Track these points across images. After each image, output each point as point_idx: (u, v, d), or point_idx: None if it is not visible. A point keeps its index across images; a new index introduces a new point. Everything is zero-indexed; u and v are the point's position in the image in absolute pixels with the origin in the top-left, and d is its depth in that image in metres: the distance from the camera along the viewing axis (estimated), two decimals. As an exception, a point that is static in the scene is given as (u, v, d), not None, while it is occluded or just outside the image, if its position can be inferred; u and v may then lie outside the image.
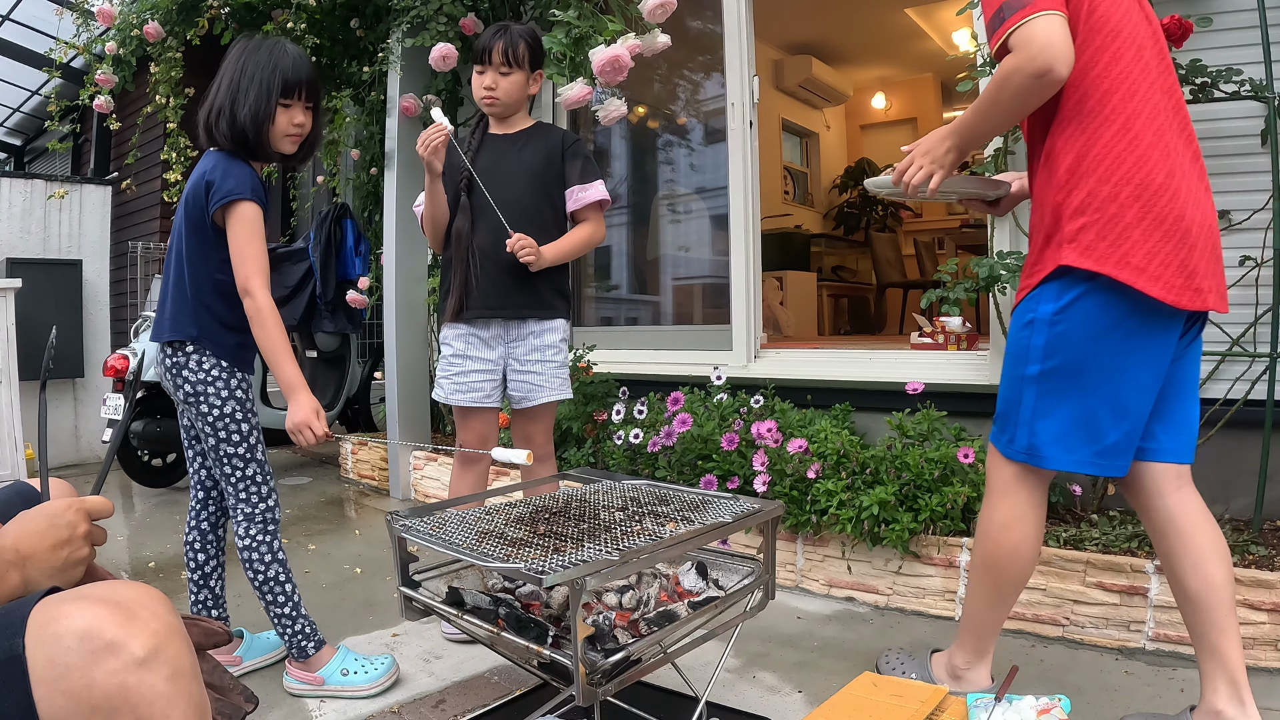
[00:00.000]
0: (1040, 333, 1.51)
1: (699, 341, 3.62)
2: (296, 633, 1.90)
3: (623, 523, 1.36)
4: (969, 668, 1.71)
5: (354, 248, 4.34)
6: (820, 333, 5.70)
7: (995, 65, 1.52)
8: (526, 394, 2.23)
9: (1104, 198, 1.42)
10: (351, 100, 4.35)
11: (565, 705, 1.56)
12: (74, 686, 0.72)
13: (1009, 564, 1.62)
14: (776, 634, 2.22)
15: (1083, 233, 1.43)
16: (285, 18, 3.77)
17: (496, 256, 2.14)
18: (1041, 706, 1.41)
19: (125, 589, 0.79)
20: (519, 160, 2.21)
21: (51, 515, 0.89)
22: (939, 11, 5.52)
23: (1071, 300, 1.46)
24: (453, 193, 2.22)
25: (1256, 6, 2.18)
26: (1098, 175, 1.43)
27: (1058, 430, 1.52)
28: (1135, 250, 1.40)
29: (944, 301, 2.61)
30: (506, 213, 2.11)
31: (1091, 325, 1.46)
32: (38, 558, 0.87)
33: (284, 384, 1.79)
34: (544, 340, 2.22)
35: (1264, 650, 1.89)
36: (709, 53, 3.90)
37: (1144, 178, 1.41)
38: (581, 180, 2.24)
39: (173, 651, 0.76)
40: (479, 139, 2.25)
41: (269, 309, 1.77)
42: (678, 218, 4.35)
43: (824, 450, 2.50)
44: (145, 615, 0.76)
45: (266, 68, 1.80)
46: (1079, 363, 1.48)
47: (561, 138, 2.28)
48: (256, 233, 1.78)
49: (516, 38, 2.16)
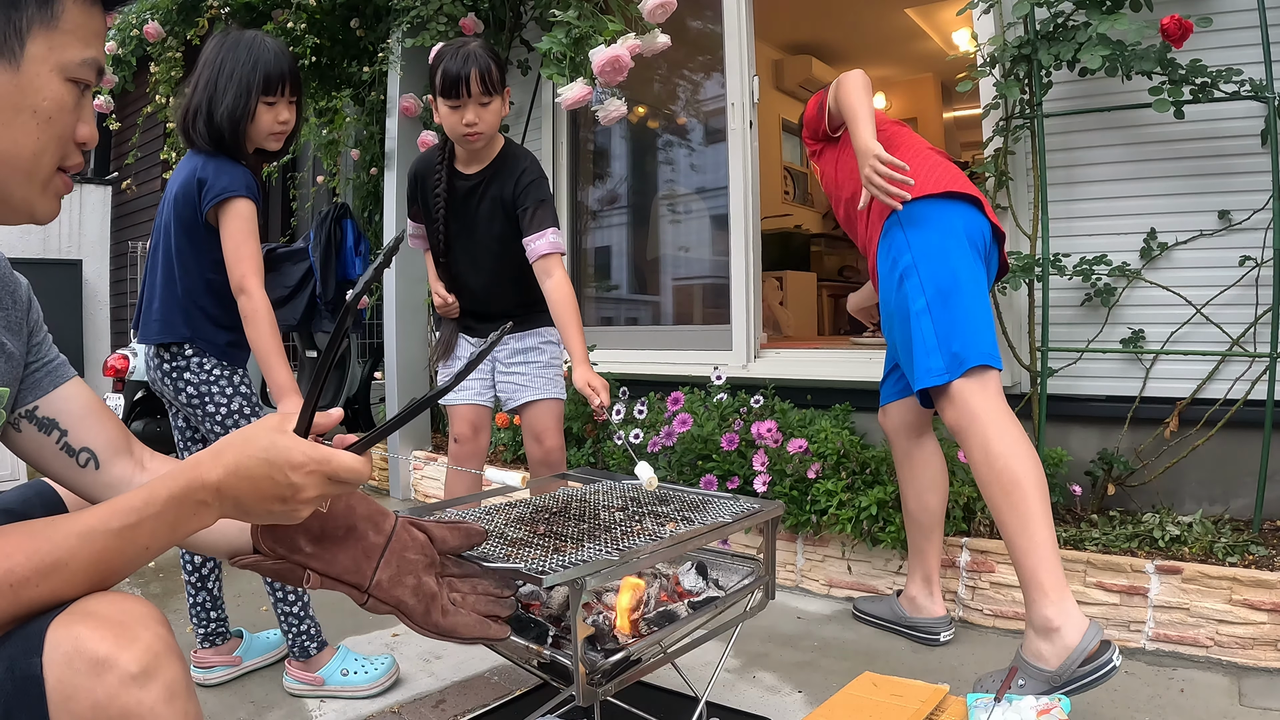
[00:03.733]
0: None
1: (699, 341, 3.62)
2: (301, 632, 1.90)
3: (623, 523, 1.36)
4: (1060, 615, 1.58)
5: (354, 248, 4.33)
6: (820, 333, 5.70)
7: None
8: (511, 394, 2.26)
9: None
10: (351, 100, 4.35)
11: (565, 705, 1.56)
12: (78, 708, 0.69)
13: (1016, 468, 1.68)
14: (776, 634, 2.22)
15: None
16: (285, 17, 3.77)
17: (481, 310, 2.29)
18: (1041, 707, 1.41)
19: (123, 604, 0.74)
20: (482, 214, 2.15)
21: (274, 466, 0.76)
22: (939, 11, 5.52)
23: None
24: (434, 239, 2.26)
25: (1256, 6, 2.17)
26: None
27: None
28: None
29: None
30: (487, 276, 2.23)
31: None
32: (244, 505, 0.78)
33: (275, 387, 1.76)
34: (525, 343, 2.25)
35: (1264, 650, 1.88)
36: (709, 53, 3.90)
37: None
38: (532, 231, 2.06)
39: (170, 671, 0.72)
40: (446, 186, 2.14)
41: (265, 309, 1.74)
42: (678, 218, 4.35)
43: (824, 450, 2.50)
44: (141, 632, 0.72)
45: (246, 64, 1.75)
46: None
47: (520, 180, 2.10)
48: (252, 231, 1.75)
49: (488, 62, 1.98)
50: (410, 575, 0.94)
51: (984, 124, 2.65)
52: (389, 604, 0.94)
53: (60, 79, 0.73)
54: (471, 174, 2.14)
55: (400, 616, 0.95)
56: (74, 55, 0.74)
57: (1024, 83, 2.44)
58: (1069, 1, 2.31)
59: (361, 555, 0.92)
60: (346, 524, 0.93)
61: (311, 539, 0.91)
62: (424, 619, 0.94)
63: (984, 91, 2.65)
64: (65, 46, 0.73)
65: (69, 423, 0.94)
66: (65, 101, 0.74)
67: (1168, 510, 2.29)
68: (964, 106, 6.84)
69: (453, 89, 1.96)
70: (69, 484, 0.96)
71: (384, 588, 0.93)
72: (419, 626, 0.96)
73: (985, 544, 2.26)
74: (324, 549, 0.91)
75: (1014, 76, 2.45)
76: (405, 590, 0.93)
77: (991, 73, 2.50)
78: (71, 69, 0.74)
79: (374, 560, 0.93)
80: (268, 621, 2.19)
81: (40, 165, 0.75)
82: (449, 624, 0.96)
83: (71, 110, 0.76)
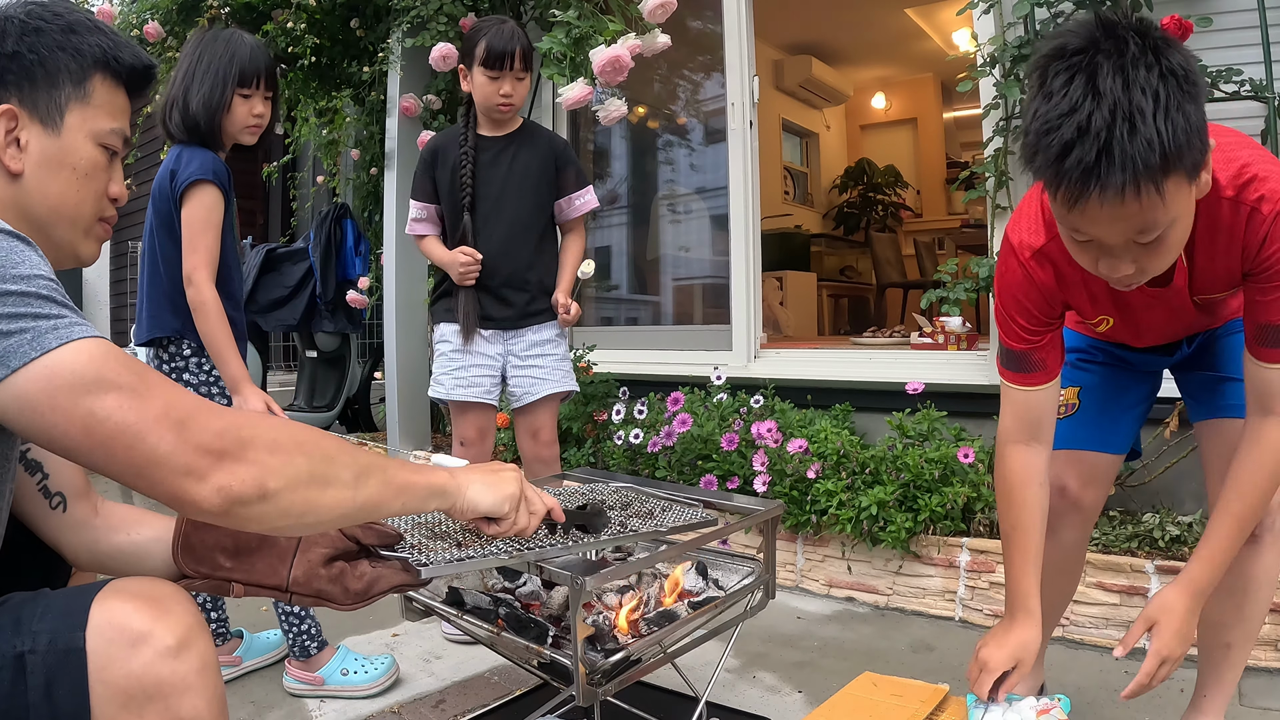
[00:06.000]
0: None
1: (699, 341, 3.62)
2: (302, 632, 1.90)
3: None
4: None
5: (354, 248, 4.34)
6: (820, 333, 5.70)
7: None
8: (528, 389, 2.23)
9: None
10: (351, 100, 4.35)
11: (565, 705, 1.56)
12: (113, 677, 0.75)
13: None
14: (776, 634, 2.22)
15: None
16: (285, 17, 3.76)
17: (501, 273, 2.21)
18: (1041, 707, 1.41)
19: (157, 585, 0.82)
20: (514, 170, 2.23)
21: (504, 480, 0.99)
22: (939, 11, 5.52)
23: None
24: (453, 206, 2.22)
25: (1256, 6, 2.17)
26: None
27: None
28: None
29: (944, 301, 2.62)
30: (508, 229, 2.20)
31: None
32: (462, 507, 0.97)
33: (228, 379, 1.77)
34: (542, 335, 2.26)
35: (1264, 650, 1.89)
36: (709, 53, 3.90)
37: None
38: (576, 188, 2.29)
39: (202, 644, 0.80)
40: (473, 145, 2.22)
41: (212, 301, 1.73)
42: (678, 218, 4.35)
43: (824, 450, 2.50)
44: (176, 609, 0.80)
45: (223, 57, 1.78)
46: None
47: (552, 142, 2.31)
48: (210, 221, 1.75)
49: (528, 42, 2.16)
50: (322, 567, 1.02)
51: (984, 124, 2.65)
52: (310, 596, 1.01)
53: (93, 144, 0.92)
54: (499, 136, 2.25)
55: (324, 604, 1.02)
56: (104, 125, 0.92)
57: (1024, 83, 2.43)
58: (1069, 2, 2.30)
59: (276, 559, 1.01)
60: (258, 535, 1.01)
61: (228, 554, 1.00)
62: (343, 595, 1.01)
63: (984, 91, 2.65)
64: (96, 118, 0.92)
65: (50, 466, 1.01)
66: (99, 162, 0.93)
67: (1168, 510, 2.29)
68: (964, 106, 6.85)
69: (498, 61, 2.12)
70: (34, 523, 1.01)
71: (301, 583, 1.00)
72: (342, 605, 1.02)
73: (985, 544, 2.26)
74: (241, 561, 1.00)
75: (1014, 76, 2.45)
76: (321, 580, 1.01)
77: (991, 73, 2.51)
78: (102, 136, 0.92)
79: (288, 561, 1.01)
80: (268, 622, 2.19)
81: (82, 214, 0.93)
82: (364, 585, 1.01)
83: (104, 170, 0.94)
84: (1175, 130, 0.96)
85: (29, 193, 0.89)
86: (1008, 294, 1.34)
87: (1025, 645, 1.32)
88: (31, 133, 0.88)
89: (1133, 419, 1.58)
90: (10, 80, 0.87)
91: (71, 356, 0.71)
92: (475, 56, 2.14)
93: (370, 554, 1.06)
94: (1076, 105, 0.98)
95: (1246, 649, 1.46)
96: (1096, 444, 1.54)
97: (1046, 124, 1.00)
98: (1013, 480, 1.40)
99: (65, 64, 0.89)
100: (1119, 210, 1.00)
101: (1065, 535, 1.56)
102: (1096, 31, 1.01)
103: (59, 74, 0.89)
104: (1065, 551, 1.58)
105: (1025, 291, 1.32)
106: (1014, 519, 1.40)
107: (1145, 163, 0.96)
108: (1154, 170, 0.97)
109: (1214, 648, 1.48)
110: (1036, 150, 1.02)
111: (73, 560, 1.02)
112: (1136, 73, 0.97)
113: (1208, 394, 1.47)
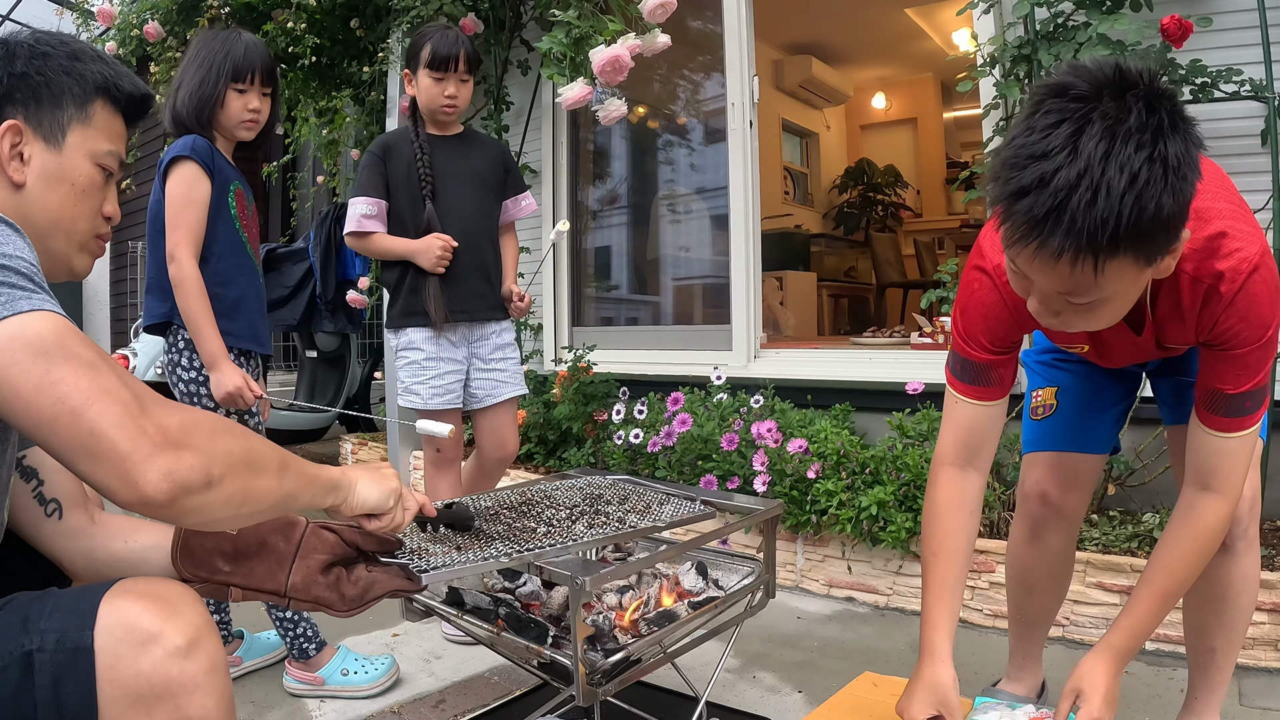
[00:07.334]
0: None
1: (699, 341, 3.62)
2: (298, 635, 1.90)
3: (559, 522, 1.29)
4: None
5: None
6: (820, 333, 5.70)
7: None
8: (491, 391, 2.29)
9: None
10: (351, 100, 4.35)
11: (565, 705, 1.56)
12: (121, 676, 0.76)
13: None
14: (776, 634, 2.22)
15: None
16: (285, 17, 3.76)
17: (464, 260, 2.23)
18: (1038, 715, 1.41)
19: (166, 585, 0.83)
20: (469, 167, 2.28)
21: (387, 477, 1.01)
22: (939, 11, 5.52)
23: None
24: (411, 198, 2.22)
25: (1256, 6, 2.17)
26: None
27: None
28: None
29: (944, 301, 2.61)
30: (472, 220, 2.25)
31: None
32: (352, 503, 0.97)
33: (206, 355, 1.77)
34: (503, 339, 2.33)
35: (1264, 650, 1.89)
36: (709, 53, 3.90)
37: None
38: (521, 191, 2.41)
39: (211, 644, 0.80)
40: (426, 140, 2.26)
41: (194, 277, 1.74)
42: (678, 218, 4.35)
43: (824, 450, 2.50)
44: (186, 609, 0.80)
45: (219, 53, 1.80)
46: None
47: (498, 145, 2.43)
48: (191, 198, 1.75)
49: (472, 47, 2.22)
50: (320, 573, 1.03)
51: (984, 124, 2.65)
52: (308, 601, 1.02)
53: (91, 163, 0.97)
54: (448, 135, 2.30)
55: (321, 609, 1.03)
56: (102, 146, 0.97)
57: (1024, 83, 2.44)
58: (1069, 1, 2.31)
59: (274, 564, 1.02)
60: (257, 540, 1.03)
61: (227, 559, 1.02)
62: (340, 601, 1.02)
63: (984, 91, 2.65)
64: (95, 139, 0.97)
65: (46, 473, 1.02)
66: (96, 180, 0.98)
67: (1167, 510, 2.29)
68: (964, 106, 6.84)
69: (442, 64, 2.17)
70: (28, 531, 1.01)
71: (299, 589, 1.02)
72: (339, 611, 1.03)
73: (985, 544, 2.26)
74: (240, 565, 1.02)
75: (1014, 76, 2.45)
76: (319, 587, 1.02)
77: (991, 73, 2.51)
78: (100, 156, 0.97)
79: (286, 567, 1.02)
80: (268, 622, 2.19)
81: (77, 228, 0.97)
82: (359, 590, 1.03)
83: (100, 189, 0.99)
84: (1139, 217, 0.91)
85: (30, 204, 0.93)
86: (975, 311, 1.29)
87: (936, 686, 1.24)
88: (35, 148, 0.93)
89: (1112, 418, 1.56)
90: (18, 98, 0.92)
91: (39, 321, 0.73)
92: (421, 59, 2.18)
93: (369, 560, 1.06)
94: (1049, 153, 0.93)
95: (1233, 652, 1.45)
96: (1077, 445, 1.52)
97: (1015, 158, 0.96)
98: (939, 505, 1.34)
99: (69, 87, 0.94)
100: (1052, 267, 0.97)
101: (1051, 541, 1.55)
102: (1107, 85, 0.94)
103: (63, 95, 0.94)
104: (1053, 557, 1.57)
105: (997, 314, 1.27)
106: (935, 546, 1.33)
107: (1090, 237, 0.92)
108: (1098, 248, 0.93)
109: (1199, 653, 1.48)
110: (997, 177, 0.99)
111: (69, 569, 1.03)
112: (1125, 147, 0.91)
113: (1179, 399, 1.45)
